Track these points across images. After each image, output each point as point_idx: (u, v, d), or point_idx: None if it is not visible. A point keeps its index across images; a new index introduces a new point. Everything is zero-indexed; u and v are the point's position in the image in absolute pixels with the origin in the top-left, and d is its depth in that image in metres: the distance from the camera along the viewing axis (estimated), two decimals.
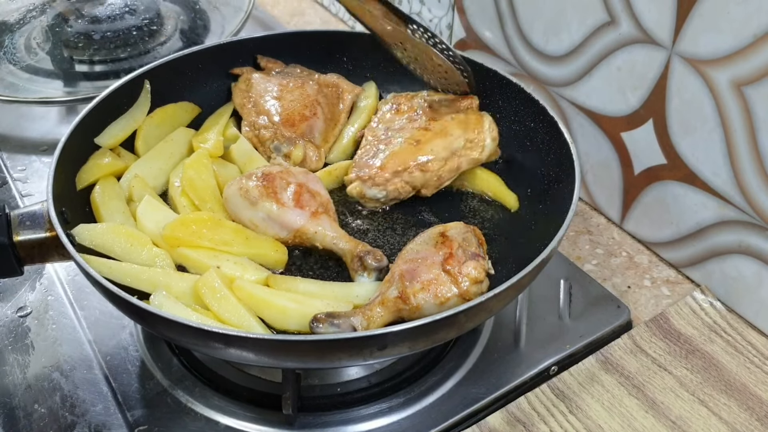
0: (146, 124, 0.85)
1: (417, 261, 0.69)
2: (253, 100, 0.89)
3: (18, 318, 0.79)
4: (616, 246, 0.90)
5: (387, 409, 0.70)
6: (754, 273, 0.77)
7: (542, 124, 0.82)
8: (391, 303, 0.66)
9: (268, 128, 0.86)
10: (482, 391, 0.71)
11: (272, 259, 0.74)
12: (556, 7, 0.88)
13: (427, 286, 0.66)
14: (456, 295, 0.66)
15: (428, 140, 0.81)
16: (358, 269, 0.72)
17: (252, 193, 0.74)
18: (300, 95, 0.89)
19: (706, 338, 0.77)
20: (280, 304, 0.66)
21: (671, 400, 0.71)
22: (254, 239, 0.74)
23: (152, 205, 0.75)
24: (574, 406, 0.70)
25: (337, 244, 0.74)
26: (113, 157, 0.81)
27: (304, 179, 0.77)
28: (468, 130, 0.82)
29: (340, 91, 0.91)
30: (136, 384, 0.72)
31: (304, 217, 0.74)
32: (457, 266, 0.67)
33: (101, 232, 0.72)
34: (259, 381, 0.72)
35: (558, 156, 0.79)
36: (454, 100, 0.86)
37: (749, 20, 0.69)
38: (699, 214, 0.81)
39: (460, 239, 0.70)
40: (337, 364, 0.65)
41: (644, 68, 0.80)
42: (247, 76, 0.91)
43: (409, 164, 0.80)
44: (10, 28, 1.15)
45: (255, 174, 0.76)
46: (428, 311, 0.66)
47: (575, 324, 0.78)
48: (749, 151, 0.73)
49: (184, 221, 0.73)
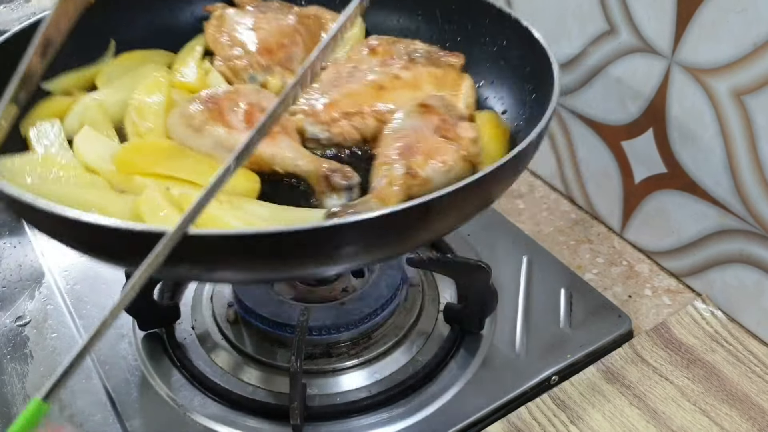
0: (110, 65, 0.77)
1: (409, 135, 0.64)
2: (226, 33, 0.82)
3: (17, 327, 0.79)
4: (616, 255, 0.90)
5: (387, 419, 0.70)
6: (755, 282, 0.77)
7: (515, 38, 0.76)
8: (400, 180, 0.60)
9: (242, 58, 0.79)
10: (483, 401, 0.71)
11: (242, 188, 0.63)
12: (555, 16, 0.88)
13: (431, 155, 0.62)
14: (461, 158, 0.63)
15: (394, 88, 0.73)
16: (326, 191, 0.63)
17: (197, 118, 0.65)
18: (278, 25, 0.82)
19: (707, 348, 0.77)
20: (229, 223, 0.56)
21: (673, 410, 0.70)
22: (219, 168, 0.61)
23: (92, 135, 0.66)
24: (575, 416, 0.70)
25: (299, 165, 0.65)
26: (67, 99, 0.72)
27: (257, 98, 0.69)
28: (442, 88, 0.73)
29: (321, 20, 0.85)
30: (134, 393, 0.72)
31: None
32: (452, 130, 0.64)
33: (32, 163, 0.61)
34: (261, 391, 0.72)
35: (534, 65, 0.73)
36: (438, 55, 0.78)
37: (749, 29, 0.69)
38: (700, 223, 0.81)
39: (442, 105, 0.67)
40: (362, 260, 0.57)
41: (644, 77, 0.81)
42: (221, 12, 0.85)
43: (363, 108, 0.71)
44: None
45: (199, 97, 0.67)
46: (438, 180, 0.61)
47: (576, 333, 0.78)
48: (749, 160, 0.73)
49: (139, 147, 0.64)
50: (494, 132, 0.72)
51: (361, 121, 0.70)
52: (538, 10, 0.89)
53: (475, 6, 0.80)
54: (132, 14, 0.83)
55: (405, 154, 0.62)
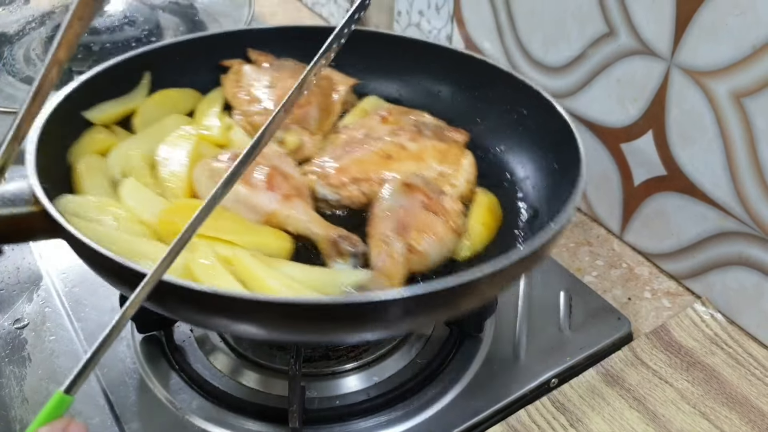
0: (146, 103, 0.83)
1: (400, 213, 0.68)
2: (245, 89, 0.86)
3: (15, 330, 0.79)
4: (616, 257, 0.89)
5: (386, 422, 0.69)
6: (754, 285, 0.77)
7: (537, 108, 0.79)
8: (401, 257, 0.65)
9: (262, 114, 0.83)
10: (482, 403, 0.71)
11: (276, 248, 0.69)
12: (555, 19, 0.88)
13: (424, 230, 0.66)
14: (451, 230, 0.68)
15: (400, 158, 0.78)
16: (333, 255, 0.68)
17: (221, 174, 0.68)
18: (293, 85, 0.85)
19: (707, 350, 0.77)
20: (273, 287, 0.62)
21: (672, 413, 0.70)
22: (256, 227, 0.70)
23: (138, 187, 0.72)
24: (574, 418, 0.70)
25: (311, 228, 0.70)
26: (108, 134, 0.79)
27: (277, 161, 0.74)
28: (444, 163, 0.78)
29: (333, 82, 0.89)
30: (133, 397, 0.71)
31: (276, 201, 0.70)
32: (438, 204, 0.68)
33: (89, 205, 0.67)
34: (260, 394, 0.72)
35: (555, 135, 0.76)
36: (444, 130, 0.83)
37: (748, 31, 0.69)
38: (699, 225, 0.81)
39: (423, 183, 0.71)
40: (359, 336, 0.64)
41: (643, 79, 0.81)
42: (238, 67, 0.90)
43: (370, 175, 0.76)
44: (10, 40, 1.15)
45: (224, 155, 0.72)
46: (433, 254, 0.67)
47: (575, 336, 0.77)
48: (749, 163, 0.73)
49: (180, 208, 0.69)
50: (485, 215, 0.75)
51: (368, 187, 0.75)
52: (538, 12, 0.89)
53: (498, 76, 0.84)
54: (168, 53, 0.88)
55: (400, 231, 0.66)
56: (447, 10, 1.04)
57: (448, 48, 0.90)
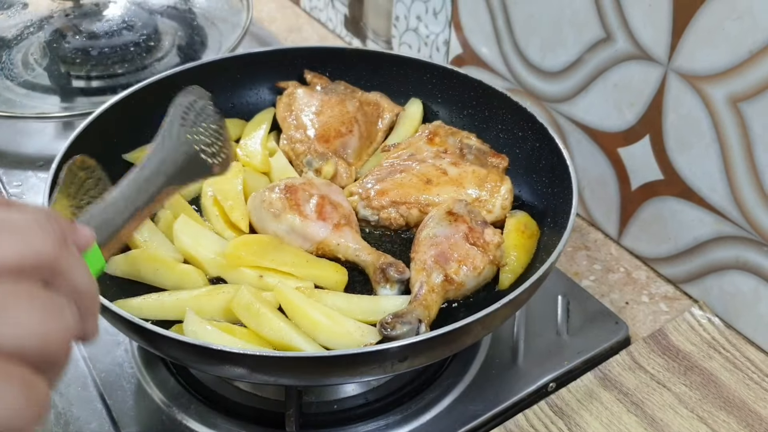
0: None
1: (442, 243, 0.71)
2: (294, 114, 0.90)
3: None
4: (613, 262, 0.90)
5: (384, 426, 0.69)
6: (751, 289, 0.77)
7: (538, 140, 0.83)
8: (439, 287, 0.69)
9: (303, 142, 0.86)
10: (480, 408, 0.71)
11: (333, 280, 0.73)
12: (552, 24, 0.88)
13: (464, 262, 0.70)
14: (489, 262, 0.71)
15: (439, 183, 0.80)
16: (381, 281, 0.71)
17: (275, 205, 0.75)
18: (339, 112, 0.89)
19: (704, 354, 0.77)
20: (315, 318, 0.66)
21: (670, 417, 0.70)
22: (314, 261, 0.74)
23: (190, 224, 0.75)
24: (572, 423, 0.70)
25: (360, 255, 0.74)
26: None
27: (327, 191, 0.78)
28: (482, 188, 0.80)
29: (380, 109, 0.92)
30: (131, 401, 0.71)
31: (327, 230, 0.74)
32: (480, 236, 0.72)
33: (131, 260, 0.72)
34: (257, 398, 0.72)
35: (554, 170, 0.79)
36: (486, 154, 0.85)
37: (744, 36, 0.69)
38: (696, 229, 0.81)
39: (467, 212, 0.73)
40: (359, 378, 0.67)
41: (640, 84, 0.81)
42: (292, 90, 0.92)
43: (409, 200, 0.79)
44: (8, 44, 1.15)
45: (278, 186, 0.77)
46: (469, 285, 0.71)
47: (573, 340, 0.77)
48: (746, 167, 0.74)
49: (246, 242, 0.73)
50: (519, 237, 0.77)
51: (406, 210, 0.80)
52: (535, 17, 0.90)
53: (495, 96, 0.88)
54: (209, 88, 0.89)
55: (440, 261, 0.70)
56: (445, 15, 1.04)
57: (443, 66, 0.92)
